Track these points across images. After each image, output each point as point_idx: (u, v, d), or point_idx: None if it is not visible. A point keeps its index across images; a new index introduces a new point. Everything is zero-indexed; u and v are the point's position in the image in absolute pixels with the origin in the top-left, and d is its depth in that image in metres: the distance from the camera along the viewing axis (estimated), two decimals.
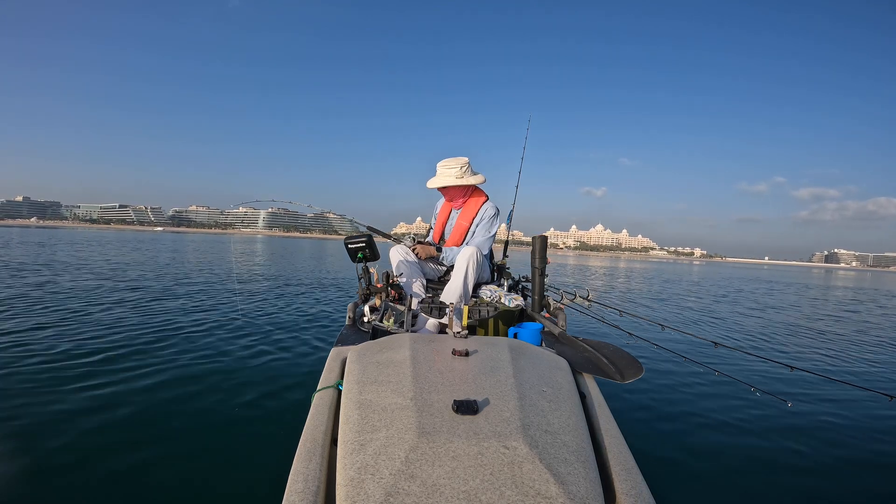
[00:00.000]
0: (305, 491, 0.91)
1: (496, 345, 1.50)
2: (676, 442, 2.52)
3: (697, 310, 8.95)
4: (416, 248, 2.66)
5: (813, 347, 5.62)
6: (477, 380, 1.21)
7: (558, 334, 2.02)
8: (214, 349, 3.76)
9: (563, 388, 1.25)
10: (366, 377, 1.23)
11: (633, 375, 1.53)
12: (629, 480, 0.99)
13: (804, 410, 3.09)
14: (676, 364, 3.86)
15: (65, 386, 2.76)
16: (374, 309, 2.05)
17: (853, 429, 2.83)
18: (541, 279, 2.52)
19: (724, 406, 3.08)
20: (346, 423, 1.05)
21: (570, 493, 0.85)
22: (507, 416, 1.02)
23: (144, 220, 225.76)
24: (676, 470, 2.22)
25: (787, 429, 2.76)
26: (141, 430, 2.29)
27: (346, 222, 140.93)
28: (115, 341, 3.80)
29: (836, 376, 4.05)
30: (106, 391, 2.72)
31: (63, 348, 3.52)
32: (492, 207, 2.74)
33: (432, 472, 0.87)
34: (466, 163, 2.67)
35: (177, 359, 3.44)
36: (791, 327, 7.23)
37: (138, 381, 2.92)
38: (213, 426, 2.40)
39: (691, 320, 7.49)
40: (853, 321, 8.54)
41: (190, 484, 1.87)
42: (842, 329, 7.33)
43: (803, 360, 4.83)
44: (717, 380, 3.51)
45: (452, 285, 2.41)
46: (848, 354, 5.28)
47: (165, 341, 3.90)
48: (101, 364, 3.20)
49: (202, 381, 2.99)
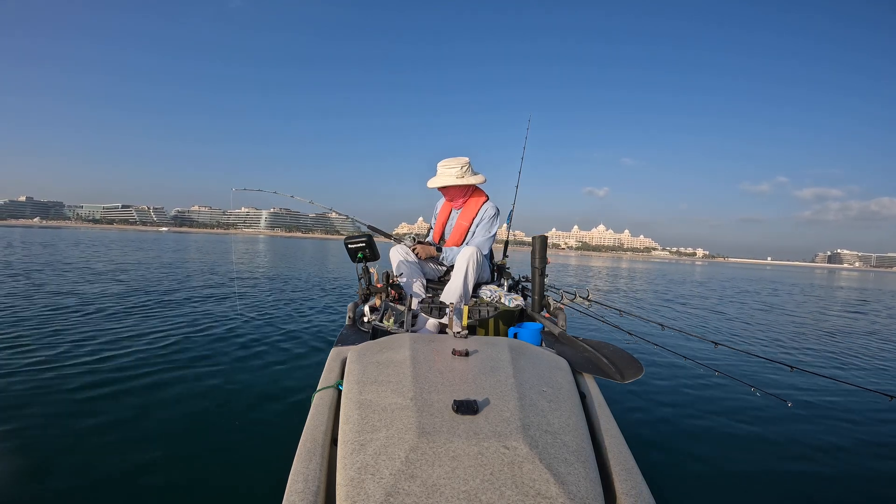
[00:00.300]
0: (305, 491, 0.91)
1: (496, 345, 1.50)
2: (676, 442, 2.52)
3: (704, 309, 8.93)
4: (416, 248, 2.66)
5: (813, 347, 5.62)
6: (477, 380, 1.21)
7: (558, 334, 2.02)
8: (214, 350, 3.76)
9: (563, 388, 1.25)
10: (366, 377, 1.23)
11: (633, 375, 1.52)
12: (629, 480, 0.99)
13: (804, 410, 3.09)
14: (676, 364, 3.86)
15: (66, 385, 2.76)
16: (374, 309, 2.05)
17: (853, 429, 2.83)
18: (541, 279, 2.52)
19: (725, 406, 3.08)
20: (347, 423, 1.05)
21: (571, 494, 0.85)
22: (507, 416, 1.02)
23: (147, 220, 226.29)
24: (676, 470, 2.22)
25: (788, 429, 2.76)
26: (141, 430, 2.29)
27: (348, 222, 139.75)
28: (115, 340, 3.80)
29: (836, 376, 4.05)
30: (106, 390, 2.72)
31: (66, 349, 3.52)
32: (492, 207, 2.74)
33: (432, 472, 0.87)
34: (467, 163, 2.67)
35: (176, 359, 3.44)
36: (795, 328, 7.23)
37: (137, 381, 2.92)
38: (213, 426, 2.40)
39: (691, 320, 7.49)
40: (861, 321, 8.54)
41: (190, 484, 1.87)
42: (847, 329, 7.33)
43: (804, 360, 4.83)
44: (717, 380, 3.51)
45: (452, 285, 2.41)
46: (848, 354, 5.28)
47: (165, 341, 3.90)
48: (101, 364, 3.20)
49: (202, 382, 2.99)
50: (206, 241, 37.77)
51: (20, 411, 2.40)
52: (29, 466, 1.92)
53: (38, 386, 2.75)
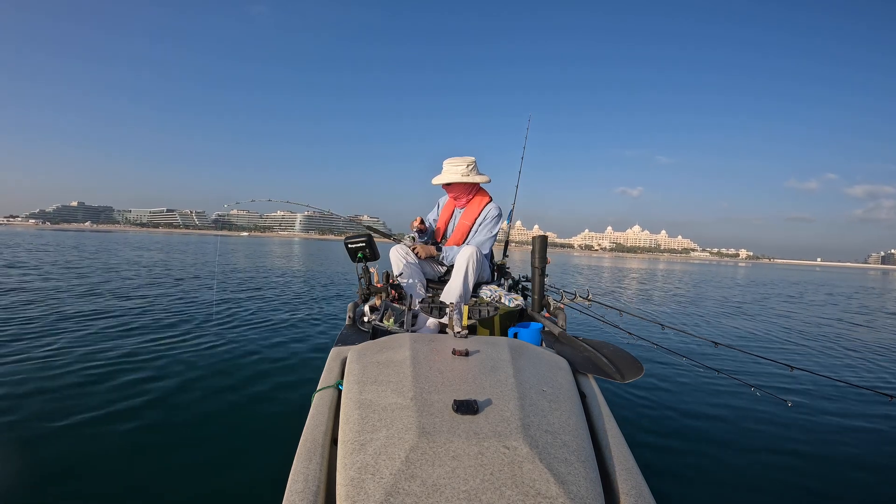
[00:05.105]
0: (305, 491, 0.91)
1: (496, 344, 1.49)
2: (676, 442, 2.52)
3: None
4: (416, 248, 2.66)
5: (814, 347, 5.62)
6: (477, 380, 1.21)
7: (558, 334, 2.02)
8: (214, 350, 3.76)
9: (563, 387, 1.25)
10: (366, 377, 1.23)
11: (633, 375, 1.52)
12: (629, 480, 0.99)
13: (804, 410, 3.09)
14: (676, 364, 3.86)
15: (66, 386, 2.77)
16: (374, 309, 2.05)
17: (853, 429, 2.83)
18: (541, 279, 2.52)
19: (725, 406, 3.08)
20: (347, 423, 1.05)
21: (571, 493, 0.85)
22: (507, 415, 1.02)
23: (190, 223, 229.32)
24: (676, 470, 2.22)
25: (788, 428, 2.76)
26: (141, 429, 2.29)
27: (379, 225, 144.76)
28: (116, 341, 3.80)
29: (836, 376, 4.05)
30: (106, 390, 2.72)
31: (62, 345, 3.52)
32: (495, 208, 2.74)
33: (432, 471, 0.87)
34: (473, 162, 2.68)
35: (176, 359, 3.43)
36: (802, 329, 7.21)
37: (137, 380, 2.92)
38: (213, 426, 2.40)
39: (691, 320, 7.49)
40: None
41: (190, 483, 1.87)
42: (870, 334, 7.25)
43: (804, 360, 4.83)
44: (717, 380, 3.51)
45: (452, 285, 2.41)
46: (849, 355, 5.28)
47: (164, 341, 3.90)
48: (102, 364, 3.20)
49: (202, 382, 2.99)
50: (244, 244, 40.03)
51: (17, 414, 2.40)
52: (28, 467, 1.92)
53: (38, 387, 2.74)
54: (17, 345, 3.55)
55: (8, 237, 27.29)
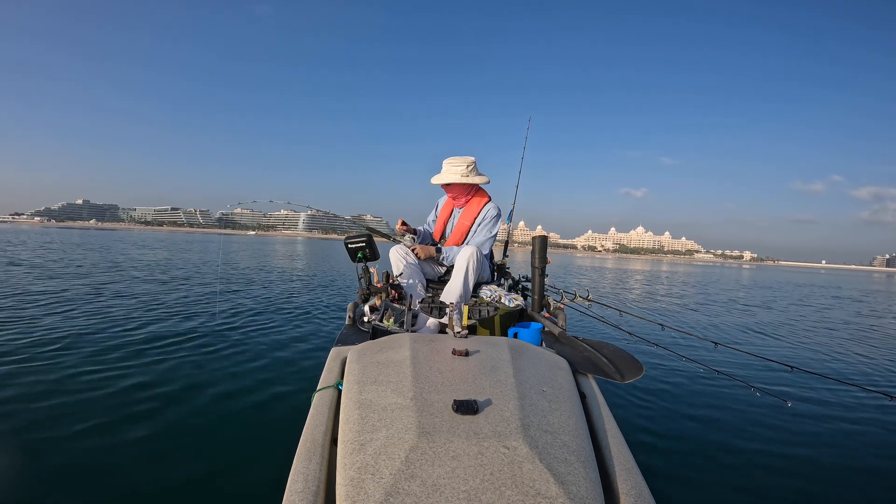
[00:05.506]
0: (305, 491, 0.91)
1: (496, 345, 1.49)
2: (676, 442, 2.52)
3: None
4: (416, 248, 2.66)
5: (814, 347, 5.61)
6: (477, 380, 1.21)
7: (558, 334, 2.02)
8: (214, 350, 3.77)
9: (563, 387, 1.25)
10: (366, 377, 1.23)
11: (633, 375, 1.52)
12: (629, 480, 0.99)
13: (804, 410, 3.09)
14: (676, 364, 3.85)
15: (67, 385, 2.77)
16: (374, 309, 2.05)
17: (853, 429, 2.82)
18: (541, 279, 2.53)
19: (725, 406, 3.08)
20: (346, 423, 1.05)
21: (571, 493, 0.85)
22: (507, 415, 1.02)
23: (194, 222, 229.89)
24: (676, 470, 2.22)
25: (787, 428, 2.75)
26: (141, 429, 2.29)
27: (381, 224, 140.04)
28: (115, 341, 3.81)
29: (836, 376, 4.04)
30: (105, 389, 2.72)
31: (63, 343, 3.52)
32: (494, 208, 2.74)
33: (432, 471, 0.87)
34: (473, 162, 2.68)
35: (177, 359, 3.44)
36: (798, 328, 7.21)
37: (136, 381, 2.92)
38: (213, 426, 2.40)
39: (691, 320, 7.49)
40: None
41: (190, 483, 1.87)
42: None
43: (804, 361, 4.82)
44: (717, 380, 3.51)
45: (452, 285, 2.41)
46: (848, 355, 5.27)
47: (164, 341, 3.90)
48: (102, 363, 3.20)
49: (202, 381, 2.99)
50: (247, 242, 40.30)
51: (16, 413, 2.41)
52: (27, 466, 1.92)
53: (37, 387, 2.75)
54: (18, 345, 3.56)
55: (13, 234, 27.38)
